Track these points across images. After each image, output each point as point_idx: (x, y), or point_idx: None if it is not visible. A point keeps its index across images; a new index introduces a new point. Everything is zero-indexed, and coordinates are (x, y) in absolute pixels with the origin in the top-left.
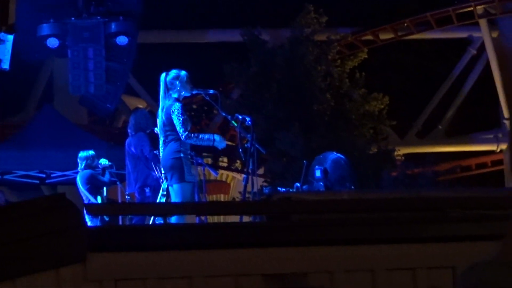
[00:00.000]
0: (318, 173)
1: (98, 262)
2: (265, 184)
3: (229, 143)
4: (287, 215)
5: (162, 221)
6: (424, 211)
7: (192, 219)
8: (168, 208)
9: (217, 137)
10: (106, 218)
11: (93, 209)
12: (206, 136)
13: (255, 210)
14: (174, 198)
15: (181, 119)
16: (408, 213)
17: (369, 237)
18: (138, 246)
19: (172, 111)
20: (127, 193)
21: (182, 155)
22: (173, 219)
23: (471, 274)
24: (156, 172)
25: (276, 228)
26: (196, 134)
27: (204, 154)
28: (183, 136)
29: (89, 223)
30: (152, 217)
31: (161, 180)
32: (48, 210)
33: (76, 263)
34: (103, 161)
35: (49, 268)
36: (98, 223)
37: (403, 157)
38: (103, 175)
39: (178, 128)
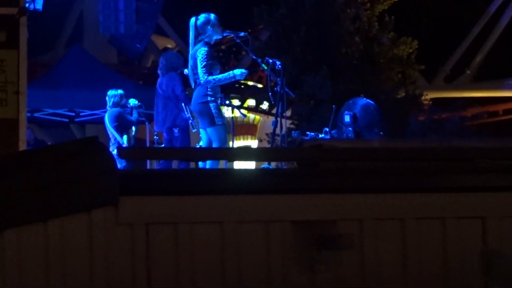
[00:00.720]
0: (347, 119)
1: (129, 206)
2: (292, 126)
3: (257, 84)
4: (318, 162)
5: (185, 165)
6: (455, 161)
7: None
8: (199, 153)
9: (236, 72)
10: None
11: (125, 153)
12: (225, 75)
13: (287, 157)
14: (207, 141)
15: (203, 64)
16: (439, 163)
17: (399, 185)
18: (169, 190)
19: (197, 56)
20: (155, 131)
21: (209, 98)
22: (208, 163)
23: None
24: (186, 113)
25: (307, 174)
26: (214, 77)
27: (232, 95)
28: (202, 81)
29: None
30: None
31: (190, 120)
32: (80, 153)
33: (107, 206)
34: (132, 101)
35: (81, 210)
36: (124, 163)
37: (430, 102)
38: (131, 114)
39: (198, 72)
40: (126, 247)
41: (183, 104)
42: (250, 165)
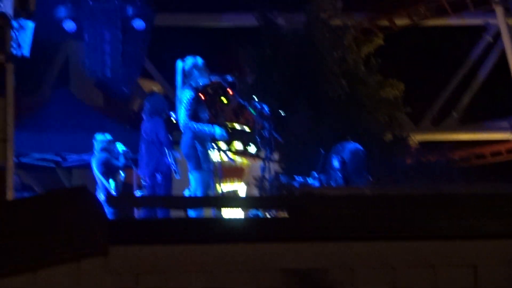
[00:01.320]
0: (335, 163)
1: (119, 255)
2: (280, 170)
3: (244, 127)
4: (308, 209)
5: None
6: (445, 207)
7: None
8: (188, 201)
9: (217, 130)
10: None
11: (113, 201)
12: (207, 128)
13: (278, 205)
14: (193, 185)
15: (187, 108)
16: (429, 209)
17: (390, 233)
18: (159, 239)
19: (181, 100)
20: (141, 175)
21: (196, 142)
22: (193, 212)
23: None
24: (169, 158)
25: (297, 222)
26: (197, 124)
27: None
28: (183, 123)
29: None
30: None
31: (173, 166)
32: (69, 202)
33: (97, 255)
34: (120, 146)
35: (70, 260)
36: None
37: (417, 144)
38: (117, 159)
39: (181, 115)
40: None
41: (165, 149)
42: (239, 211)
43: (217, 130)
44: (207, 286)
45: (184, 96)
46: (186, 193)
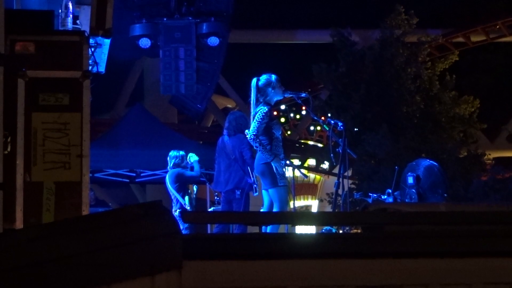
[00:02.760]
0: (410, 180)
1: (193, 270)
2: (353, 186)
3: (317, 144)
4: (382, 226)
5: (241, 230)
6: None
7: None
8: (262, 218)
9: (275, 161)
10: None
11: (189, 217)
12: (266, 152)
13: (352, 222)
14: (268, 202)
15: (258, 123)
16: (505, 227)
17: (466, 250)
18: (232, 254)
19: (256, 112)
20: (216, 191)
21: (271, 159)
22: (269, 227)
23: None
24: (251, 177)
25: (371, 238)
26: (262, 143)
27: (292, 155)
28: (250, 136)
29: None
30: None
31: (255, 185)
32: (144, 217)
33: (171, 270)
34: (193, 157)
35: (144, 275)
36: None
37: (493, 161)
38: (192, 169)
39: (251, 128)
40: None
41: (248, 168)
42: (311, 228)
43: (273, 160)
44: None
45: (259, 111)
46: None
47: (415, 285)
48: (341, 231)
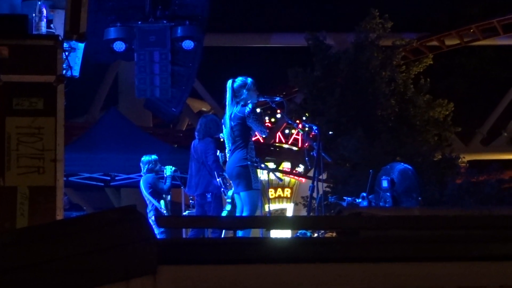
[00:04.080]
0: (385, 184)
1: (168, 275)
2: (328, 189)
3: (292, 147)
4: (357, 230)
5: (217, 234)
6: (495, 229)
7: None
8: (237, 222)
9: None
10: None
11: (164, 222)
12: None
13: (326, 226)
14: (241, 206)
15: (258, 120)
16: (481, 231)
17: (440, 254)
18: (208, 259)
19: (248, 116)
20: (189, 195)
21: (249, 162)
22: (240, 232)
23: None
24: (217, 180)
25: (347, 243)
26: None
27: (267, 158)
28: (265, 133)
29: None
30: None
31: (222, 188)
32: (118, 222)
33: (146, 275)
34: (169, 169)
35: (118, 280)
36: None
37: (467, 164)
38: (165, 182)
39: (259, 129)
40: None
41: (215, 172)
42: (286, 231)
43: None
44: None
45: (250, 113)
46: (224, 213)
47: None
48: (315, 235)
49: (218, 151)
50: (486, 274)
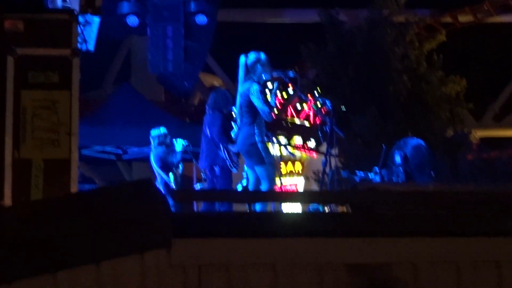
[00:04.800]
0: (398, 159)
1: (182, 248)
2: (340, 165)
3: (304, 122)
4: (372, 205)
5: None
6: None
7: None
8: (251, 196)
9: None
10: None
11: (179, 196)
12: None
13: (342, 200)
14: (253, 180)
15: (261, 98)
16: (496, 207)
17: (454, 229)
18: (222, 233)
19: (252, 93)
20: (201, 168)
21: (256, 139)
22: (257, 205)
23: None
24: (223, 153)
25: (360, 218)
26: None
27: (279, 132)
28: (267, 114)
29: None
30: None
31: (227, 162)
32: (134, 195)
33: (160, 248)
34: (180, 142)
35: (134, 252)
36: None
37: (479, 141)
38: (175, 156)
39: (260, 108)
40: None
41: (221, 144)
42: (297, 206)
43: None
44: (270, 280)
45: (254, 91)
46: (239, 187)
47: (404, 263)
48: (327, 210)
49: (234, 125)
50: (501, 250)
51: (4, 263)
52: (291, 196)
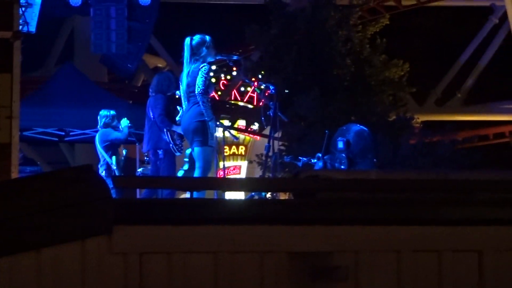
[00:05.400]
0: (340, 145)
1: (123, 235)
2: (283, 148)
3: (248, 105)
4: (314, 193)
5: (170, 193)
6: (451, 193)
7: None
8: (193, 183)
9: (212, 121)
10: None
11: (120, 182)
12: (209, 109)
13: (284, 188)
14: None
15: (204, 78)
16: (435, 195)
17: (395, 217)
18: (163, 219)
19: (199, 69)
20: (144, 152)
21: (206, 118)
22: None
23: None
24: (166, 136)
25: (302, 205)
26: (207, 100)
27: (222, 115)
28: (199, 91)
29: None
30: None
31: (171, 145)
32: (74, 182)
33: (101, 235)
34: (124, 122)
35: (74, 239)
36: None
37: (421, 125)
38: (121, 131)
39: (198, 83)
40: (120, 276)
41: (163, 127)
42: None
43: (212, 122)
44: (211, 268)
45: (202, 68)
46: (180, 173)
47: (346, 251)
48: (270, 197)
49: (179, 108)
50: (440, 238)
51: None
52: (232, 183)
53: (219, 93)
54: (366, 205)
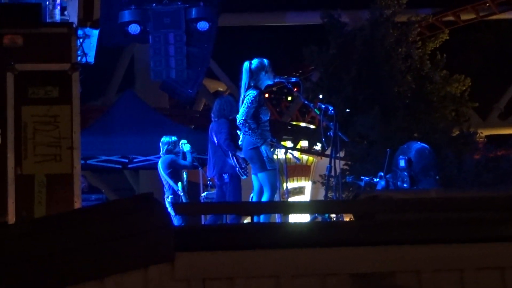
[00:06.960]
0: (402, 163)
1: (185, 262)
2: (346, 167)
3: (309, 125)
4: (374, 214)
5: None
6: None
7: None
8: (255, 208)
9: (265, 145)
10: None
11: (181, 209)
12: (256, 137)
13: (343, 210)
14: (258, 187)
15: (247, 107)
16: (498, 213)
17: (457, 236)
18: (225, 245)
19: (245, 96)
20: (208, 177)
21: (259, 144)
22: (261, 216)
23: None
24: (232, 160)
25: (363, 226)
26: (251, 127)
27: (285, 137)
28: (240, 121)
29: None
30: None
31: (237, 168)
32: (135, 210)
33: (163, 262)
34: (186, 146)
35: (137, 267)
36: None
37: (485, 139)
38: (184, 158)
39: (240, 113)
40: None
41: (229, 152)
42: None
43: (263, 145)
44: None
45: (248, 96)
46: (253, 197)
47: (407, 271)
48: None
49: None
50: (504, 255)
51: (7, 279)
52: (294, 207)
53: (281, 114)
54: (426, 224)
